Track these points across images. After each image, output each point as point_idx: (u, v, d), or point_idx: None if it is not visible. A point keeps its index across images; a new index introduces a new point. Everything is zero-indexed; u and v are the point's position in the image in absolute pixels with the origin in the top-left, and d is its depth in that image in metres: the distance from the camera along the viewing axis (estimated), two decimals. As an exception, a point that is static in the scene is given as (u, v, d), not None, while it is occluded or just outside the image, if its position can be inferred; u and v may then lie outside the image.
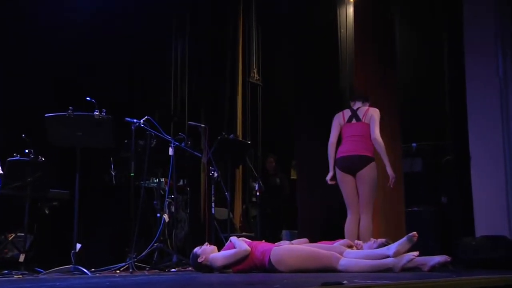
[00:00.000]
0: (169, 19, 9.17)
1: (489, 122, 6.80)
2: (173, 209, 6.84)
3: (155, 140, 6.42)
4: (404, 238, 4.89)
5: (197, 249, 5.27)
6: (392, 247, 4.89)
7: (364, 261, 4.86)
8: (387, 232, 6.30)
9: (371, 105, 6.54)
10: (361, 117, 6.45)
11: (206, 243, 5.37)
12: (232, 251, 5.16)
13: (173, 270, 5.98)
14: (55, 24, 7.42)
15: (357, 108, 6.51)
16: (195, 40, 9.30)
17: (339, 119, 6.57)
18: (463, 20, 7.03)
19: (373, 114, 6.42)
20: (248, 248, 5.10)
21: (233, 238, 5.33)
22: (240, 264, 5.13)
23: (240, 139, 8.68)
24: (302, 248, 5.20)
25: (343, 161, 6.33)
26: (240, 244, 5.17)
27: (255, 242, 5.30)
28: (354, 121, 6.47)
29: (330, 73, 8.40)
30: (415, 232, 4.89)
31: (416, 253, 4.81)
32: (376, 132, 6.34)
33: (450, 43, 7.73)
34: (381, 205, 6.70)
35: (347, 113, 6.54)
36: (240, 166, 8.84)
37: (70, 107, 5.56)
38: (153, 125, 6.29)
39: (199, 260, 5.20)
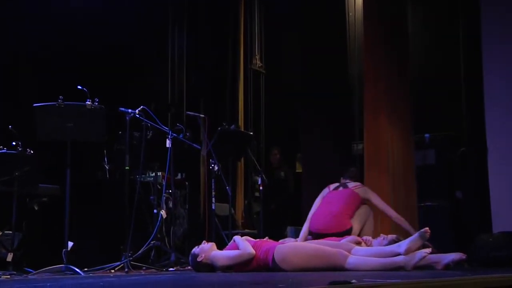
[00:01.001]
0: (166, 4, 9.15)
1: (507, 111, 6.78)
2: (171, 205, 6.85)
3: (151, 131, 6.42)
4: (416, 235, 4.90)
5: (195, 249, 5.28)
6: (403, 244, 4.89)
7: (373, 259, 4.87)
8: (398, 228, 6.30)
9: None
10: (350, 186, 6.29)
11: (204, 241, 5.38)
12: (236, 252, 5.16)
13: (171, 269, 5.99)
14: (47, 9, 7.42)
15: (349, 182, 6.39)
16: (194, 26, 9.28)
17: (323, 192, 6.38)
18: (480, 2, 7.00)
19: (368, 190, 6.25)
20: (253, 252, 5.11)
21: (237, 238, 5.33)
22: (243, 265, 5.14)
23: (242, 130, 8.69)
24: (307, 245, 5.21)
25: (316, 237, 5.96)
26: (244, 246, 5.16)
27: (259, 242, 5.30)
28: (341, 189, 6.31)
29: (338, 59, 8.40)
30: (427, 228, 4.90)
31: (428, 250, 4.81)
32: (391, 211, 6.15)
33: (466, 26, 7.71)
34: (392, 199, 6.70)
35: (335, 185, 6.39)
36: (242, 159, 8.84)
37: (60, 96, 5.55)
38: (149, 116, 6.29)
39: (199, 259, 5.20)
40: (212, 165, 6.76)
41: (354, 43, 8.79)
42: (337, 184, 6.42)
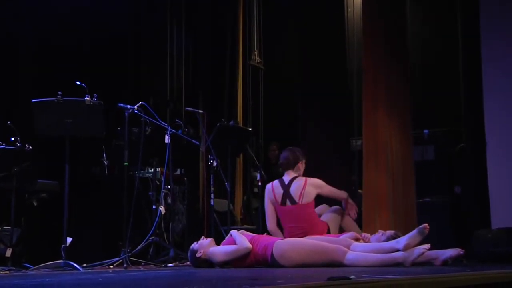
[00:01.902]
0: (165, 0, 9.14)
1: (506, 107, 6.78)
2: (169, 201, 6.85)
3: (150, 127, 6.41)
4: (415, 231, 4.91)
5: (194, 245, 5.30)
6: (402, 240, 4.91)
7: (372, 255, 4.88)
8: (396, 224, 6.31)
9: (303, 172, 6.24)
10: (296, 198, 6.05)
11: (203, 237, 5.39)
12: (232, 247, 5.18)
13: (170, 265, 6.00)
14: (47, 5, 7.41)
15: (290, 181, 6.14)
16: (193, 22, 9.27)
17: (269, 196, 6.17)
18: (479, -1, 7.01)
19: (315, 190, 6.06)
20: (250, 246, 5.13)
21: (234, 233, 5.35)
22: (241, 260, 5.15)
23: (241, 125, 8.68)
24: (306, 241, 5.23)
25: None
26: (241, 240, 5.18)
27: (257, 236, 5.32)
28: (288, 203, 6.08)
29: (337, 54, 8.39)
30: (426, 224, 4.90)
31: (427, 246, 4.83)
32: (335, 193, 6.15)
33: (465, 23, 7.70)
34: (391, 195, 6.70)
35: (278, 189, 6.13)
36: (241, 155, 8.84)
37: (58, 92, 5.55)
38: (148, 111, 6.29)
39: (198, 255, 5.22)
40: (211, 161, 6.76)
41: (353, 38, 8.78)
42: (281, 192, 6.13)
